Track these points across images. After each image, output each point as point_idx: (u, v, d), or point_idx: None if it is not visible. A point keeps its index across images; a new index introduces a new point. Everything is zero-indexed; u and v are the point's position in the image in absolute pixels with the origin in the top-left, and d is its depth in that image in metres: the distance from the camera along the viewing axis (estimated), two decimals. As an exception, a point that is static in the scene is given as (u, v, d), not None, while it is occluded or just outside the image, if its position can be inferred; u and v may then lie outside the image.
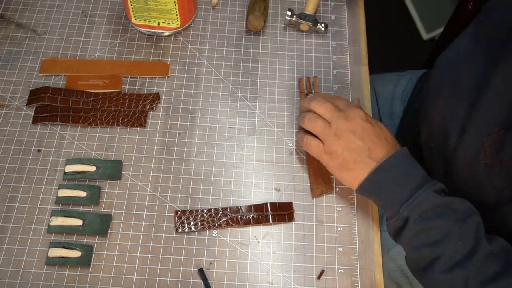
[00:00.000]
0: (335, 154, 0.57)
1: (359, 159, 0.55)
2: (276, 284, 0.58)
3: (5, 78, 0.69)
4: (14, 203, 0.61)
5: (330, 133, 0.57)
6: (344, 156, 0.56)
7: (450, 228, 0.51)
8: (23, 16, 0.74)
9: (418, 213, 0.52)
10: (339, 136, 0.56)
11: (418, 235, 0.53)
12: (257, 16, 0.71)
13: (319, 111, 0.59)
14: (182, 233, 0.60)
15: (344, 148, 0.56)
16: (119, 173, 0.63)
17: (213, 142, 0.66)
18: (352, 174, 0.56)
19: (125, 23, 0.74)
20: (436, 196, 0.52)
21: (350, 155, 0.56)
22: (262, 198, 0.63)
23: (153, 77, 0.70)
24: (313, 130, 0.59)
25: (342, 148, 0.56)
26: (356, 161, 0.55)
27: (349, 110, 0.58)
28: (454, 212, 0.52)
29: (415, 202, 0.52)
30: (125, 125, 0.66)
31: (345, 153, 0.56)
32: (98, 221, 0.60)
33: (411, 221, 0.53)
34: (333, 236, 0.61)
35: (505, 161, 0.53)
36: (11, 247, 0.58)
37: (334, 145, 0.56)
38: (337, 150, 0.56)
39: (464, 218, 0.52)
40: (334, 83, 0.71)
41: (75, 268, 0.58)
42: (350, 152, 0.56)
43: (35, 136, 0.65)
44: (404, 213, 0.53)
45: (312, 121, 0.59)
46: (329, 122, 0.58)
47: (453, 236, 0.51)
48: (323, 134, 0.58)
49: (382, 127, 0.58)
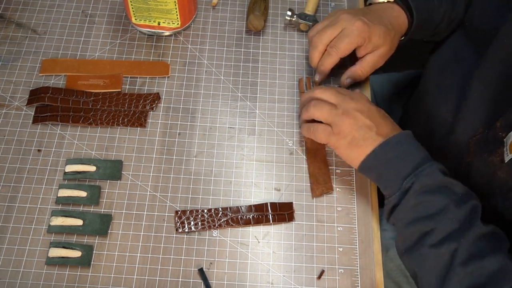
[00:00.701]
0: (343, 133, 0.57)
1: (368, 136, 0.56)
2: (276, 284, 0.58)
3: (5, 78, 0.69)
4: (14, 203, 0.61)
5: (337, 113, 0.58)
6: (353, 134, 0.57)
7: (447, 205, 0.52)
8: (23, 16, 0.74)
9: (419, 185, 0.53)
10: (346, 115, 0.57)
11: (413, 208, 0.53)
12: (257, 16, 0.71)
13: (324, 97, 0.60)
14: (182, 233, 0.60)
15: (353, 126, 0.57)
16: (119, 173, 0.63)
17: (213, 142, 0.66)
18: (361, 151, 0.57)
19: (125, 23, 0.74)
20: (440, 173, 0.53)
21: (358, 132, 0.56)
22: (262, 198, 0.63)
23: (153, 77, 0.70)
24: (320, 114, 0.59)
25: (351, 126, 0.57)
26: (365, 137, 0.56)
27: (353, 93, 0.60)
28: (454, 193, 0.53)
29: (419, 174, 0.53)
30: (125, 125, 0.66)
31: (354, 131, 0.57)
32: (98, 221, 0.60)
33: (411, 193, 0.53)
34: (333, 236, 0.61)
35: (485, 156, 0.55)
36: (11, 247, 0.58)
37: (343, 124, 0.57)
38: (346, 129, 0.57)
39: (462, 200, 0.52)
40: (334, 83, 0.71)
41: (75, 268, 0.58)
42: (358, 130, 0.56)
43: (35, 136, 0.65)
44: (406, 185, 0.53)
45: (318, 106, 0.59)
46: (335, 104, 0.59)
47: (448, 212, 0.51)
48: (331, 116, 0.58)
49: (385, 113, 0.60)
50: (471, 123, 0.59)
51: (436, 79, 0.68)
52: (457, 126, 0.61)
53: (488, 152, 0.55)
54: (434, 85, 0.67)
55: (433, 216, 0.52)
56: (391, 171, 0.55)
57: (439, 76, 0.67)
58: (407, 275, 0.76)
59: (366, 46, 0.63)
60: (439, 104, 0.65)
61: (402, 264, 0.76)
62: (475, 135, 0.58)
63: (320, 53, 0.64)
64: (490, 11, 0.60)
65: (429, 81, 0.70)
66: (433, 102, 0.67)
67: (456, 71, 0.64)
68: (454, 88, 0.63)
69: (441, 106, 0.65)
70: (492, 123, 0.55)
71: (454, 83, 0.63)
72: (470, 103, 0.59)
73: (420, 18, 0.65)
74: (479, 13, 0.63)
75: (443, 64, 0.68)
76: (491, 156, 0.54)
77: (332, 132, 0.58)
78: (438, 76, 0.68)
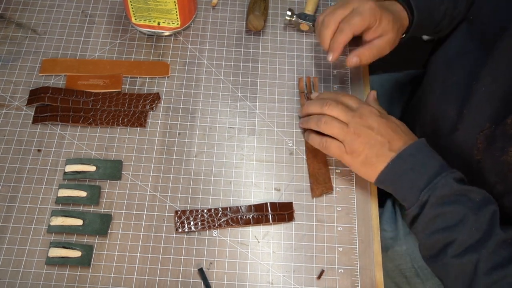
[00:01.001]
0: (356, 152, 0.57)
1: (381, 153, 0.56)
2: (276, 284, 0.58)
3: (5, 78, 0.69)
4: (14, 203, 0.61)
5: (349, 132, 0.58)
6: (366, 153, 0.57)
7: (465, 214, 0.52)
8: (23, 16, 0.74)
9: (435, 197, 0.53)
10: (358, 134, 0.57)
11: (433, 220, 0.54)
12: (257, 16, 0.71)
13: (333, 114, 0.59)
14: (182, 233, 0.60)
15: (365, 145, 0.57)
16: (119, 173, 0.63)
17: (213, 142, 0.66)
18: (375, 168, 0.57)
19: (125, 23, 0.74)
20: (455, 183, 0.53)
21: (371, 150, 0.57)
22: (262, 198, 0.63)
23: (153, 77, 0.70)
24: (331, 132, 0.59)
25: (363, 145, 0.57)
26: (378, 155, 0.57)
27: (362, 108, 0.59)
28: (471, 200, 0.53)
29: (434, 187, 0.53)
30: (125, 125, 0.66)
31: (366, 149, 0.57)
32: (98, 221, 0.60)
33: (428, 206, 0.53)
34: (333, 236, 0.61)
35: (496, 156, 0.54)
36: (11, 247, 0.58)
37: (355, 143, 0.57)
38: (358, 148, 0.57)
39: (480, 207, 0.52)
40: (334, 83, 0.71)
41: (75, 268, 0.58)
42: (371, 148, 0.57)
43: (35, 136, 0.65)
44: (423, 198, 0.54)
45: (328, 124, 0.59)
46: (345, 122, 0.58)
47: (467, 222, 0.52)
48: (342, 134, 0.58)
49: (396, 121, 0.60)
50: (478, 119, 0.58)
51: (441, 76, 0.67)
52: (463, 122, 0.60)
53: (500, 150, 0.54)
54: (439, 83, 0.67)
55: (453, 227, 0.52)
56: (407, 184, 0.55)
57: (444, 73, 0.67)
58: (406, 275, 0.76)
59: (376, 29, 0.62)
60: (444, 102, 0.65)
61: (402, 265, 0.76)
62: (482, 130, 0.57)
63: (332, 31, 0.63)
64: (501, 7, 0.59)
65: (432, 79, 0.70)
66: (437, 100, 0.66)
67: (461, 67, 0.63)
68: (460, 84, 0.62)
69: (446, 103, 0.64)
70: (502, 119, 0.54)
71: (460, 80, 0.62)
72: (477, 99, 0.58)
73: (421, 17, 0.64)
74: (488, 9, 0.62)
75: (448, 60, 0.67)
76: (504, 155, 0.54)
77: (345, 151, 0.58)
78: (443, 74, 0.67)
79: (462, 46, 0.65)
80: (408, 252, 0.74)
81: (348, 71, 0.72)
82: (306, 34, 0.75)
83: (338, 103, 0.60)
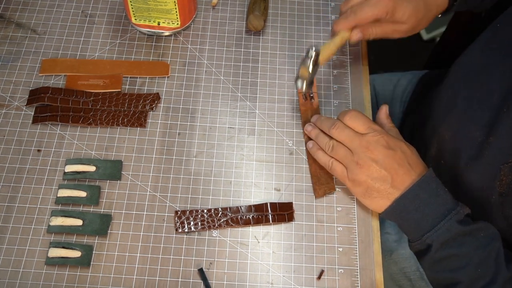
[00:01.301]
0: (358, 182, 0.57)
1: (382, 188, 0.56)
2: (276, 284, 0.58)
3: (5, 78, 0.69)
4: (14, 203, 0.61)
5: (352, 161, 0.57)
6: (368, 184, 0.56)
7: (471, 256, 0.52)
8: (23, 16, 0.74)
9: (439, 242, 0.53)
10: (361, 166, 0.56)
11: (439, 262, 0.54)
12: (257, 16, 0.71)
13: (340, 139, 0.59)
14: (182, 233, 0.60)
15: (367, 177, 0.56)
16: (119, 173, 0.63)
17: (213, 142, 0.66)
18: (376, 202, 0.57)
19: (125, 23, 0.74)
20: (458, 226, 0.52)
21: (373, 183, 0.56)
22: (262, 198, 0.63)
23: (153, 77, 0.70)
24: (336, 157, 0.59)
25: (365, 177, 0.56)
26: (380, 190, 0.56)
27: (370, 135, 0.57)
28: (476, 239, 0.52)
29: (437, 232, 0.53)
30: (125, 125, 0.66)
31: (368, 181, 0.56)
32: (98, 221, 0.60)
33: (433, 250, 0.53)
34: (333, 236, 0.61)
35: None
36: (11, 247, 0.58)
37: (357, 173, 0.57)
38: (360, 179, 0.56)
39: (485, 245, 0.52)
40: (334, 83, 0.71)
41: (75, 268, 0.58)
42: (373, 181, 0.56)
43: (35, 136, 0.65)
44: (427, 241, 0.54)
45: (334, 149, 0.59)
46: (350, 150, 0.58)
47: (473, 263, 0.51)
48: (346, 161, 0.58)
49: (406, 150, 0.57)
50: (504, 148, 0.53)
51: (464, 90, 0.61)
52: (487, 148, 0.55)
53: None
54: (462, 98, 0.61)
55: (458, 270, 0.52)
56: (411, 224, 0.55)
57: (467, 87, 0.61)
58: (410, 278, 0.76)
59: (387, 20, 0.61)
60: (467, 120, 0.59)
61: (406, 268, 0.76)
62: (507, 162, 0.52)
63: None
64: None
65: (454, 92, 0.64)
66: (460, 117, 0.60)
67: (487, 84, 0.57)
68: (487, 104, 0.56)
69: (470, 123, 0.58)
70: None
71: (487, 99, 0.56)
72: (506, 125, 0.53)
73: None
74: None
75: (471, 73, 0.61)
76: None
77: (347, 177, 0.58)
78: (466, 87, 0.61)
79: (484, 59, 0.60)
80: (412, 255, 0.74)
81: (348, 71, 0.72)
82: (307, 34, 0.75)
83: (345, 127, 0.59)
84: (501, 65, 0.56)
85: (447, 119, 0.63)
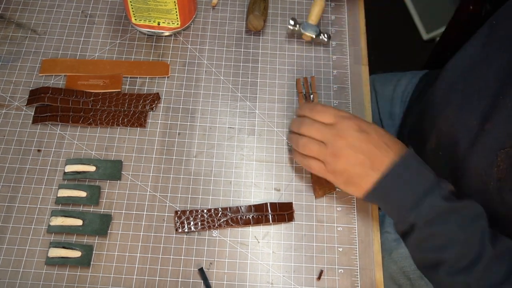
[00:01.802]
0: (338, 172, 0.56)
1: (363, 173, 0.54)
2: (276, 284, 0.58)
3: (5, 78, 0.69)
4: (14, 203, 0.61)
5: (327, 153, 0.56)
6: (348, 173, 0.55)
7: (455, 234, 0.51)
8: (23, 16, 0.74)
9: (423, 220, 0.52)
10: (338, 155, 0.55)
11: (423, 241, 0.53)
12: (257, 16, 0.71)
13: (310, 135, 0.58)
14: (182, 233, 0.60)
15: (346, 165, 0.55)
16: (119, 173, 0.63)
17: (213, 142, 0.66)
18: (359, 187, 0.55)
19: (125, 23, 0.74)
20: (442, 202, 0.52)
21: (353, 170, 0.55)
22: (262, 198, 0.63)
23: (153, 77, 0.70)
24: (310, 154, 0.58)
25: (344, 165, 0.55)
26: (360, 175, 0.55)
27: (340, 123, 0.56)
28: (460, 217, 0.51)
29: (421, 210, 0.52)
30: (125, 125, 0.66)
31: (348, 169, 0.55)
32: (98, 221, 0.60)
33: (417, 228, 0.52)
34: (333, 236, 0.61)
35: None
36: (11, 247, 0.58)
37: (335, 164, 0.56)
38: (340, 168, 0.55)
39: (469, 223, 0.51)
40: (334, 83, 0.71)
41: (75, 268, 0.58)
42: (352, 167, 0.55)
43: (35, 136, 0.65)
44: (410, 219, 0.53)
45: (306, 146, 0.58)
46: (324, 142, 0.57)
47: (457, 241, 0.50)
48: (321, 156, 0.57)
49: (379, 130, 0.56)
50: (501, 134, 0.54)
51: (460, 83, 0.63)
52: (484, 136, 0.56)
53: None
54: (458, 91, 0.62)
55: (442, 248, 0.51)
56: (394, 204, 0.54)
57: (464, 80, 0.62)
58: (410, 277, 0.76)
59: None
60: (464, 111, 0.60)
61: (405, 267, 0.76)
62: (503, 148, 0.53)
63: None
64: None
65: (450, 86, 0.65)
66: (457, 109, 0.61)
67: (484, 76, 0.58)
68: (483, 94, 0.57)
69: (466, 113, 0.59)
70: None
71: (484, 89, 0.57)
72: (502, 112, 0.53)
73: None
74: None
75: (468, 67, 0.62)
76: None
77: (326, 170, 0.57)
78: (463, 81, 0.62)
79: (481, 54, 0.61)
80: None
81: (348, 71, 0.72)
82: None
83: (313, 121, 0.58)
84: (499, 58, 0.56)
85: (444, 112, 0.63)
